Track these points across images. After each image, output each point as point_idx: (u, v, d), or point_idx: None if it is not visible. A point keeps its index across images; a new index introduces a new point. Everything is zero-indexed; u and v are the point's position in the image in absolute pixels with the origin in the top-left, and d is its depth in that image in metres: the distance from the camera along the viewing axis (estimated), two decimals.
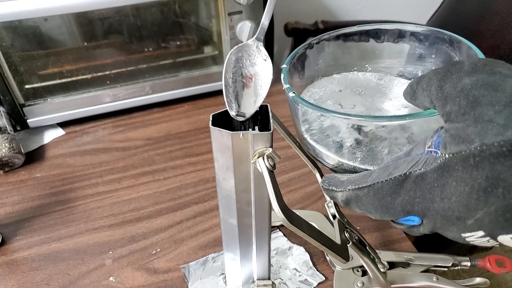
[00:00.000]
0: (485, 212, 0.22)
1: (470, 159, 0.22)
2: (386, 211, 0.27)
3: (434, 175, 0.24)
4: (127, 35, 0.66)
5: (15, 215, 0.54)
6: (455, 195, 0.23)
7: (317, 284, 0.46)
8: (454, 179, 0.22)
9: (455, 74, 0.24)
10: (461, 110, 0.23)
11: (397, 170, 0.26)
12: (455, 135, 0.23)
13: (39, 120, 0.67)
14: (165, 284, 0.46)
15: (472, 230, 0.23)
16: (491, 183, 0.21)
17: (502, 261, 0.43)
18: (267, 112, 0.30)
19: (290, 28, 1.03)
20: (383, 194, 0.26)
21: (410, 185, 0.25)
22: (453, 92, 0.24)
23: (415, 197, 0.25)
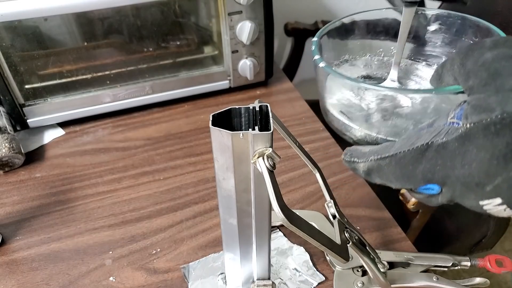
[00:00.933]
0: (504, 178, 0.23)
1: (491, 127, 0.23)
2: (407, 179, 0.28)
3: (455, 144, 0.24)
4: (127, 35, 0.66)
5: (15, 215, 0.54)
6: (476, 161, 0.23)
7: (317, 284, 0.46)
8: (475, 147, 0.23)
9: (477, 51, 0.25)
10: (482, 82, 0.24)
11: (420, 140, 0.27)
12: (477, 105, 0.24)
13: (39, 120, 0.67)
14: (165, 284, 0.46)
15: (490, 197, 0.24)
16: (509, 150, 0.22)
17: (502, 261, 0.43)
18: (267, 112, 0.30)
19: (290, 28, 1.03)
20: (405, 163, 0.27)
21: (432, 154, 0.26)
22: (475, 67, 0.25)
23: (436, 165, 0.26)
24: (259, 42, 0.71)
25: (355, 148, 0.32)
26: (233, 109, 0.31)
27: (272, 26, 0.71)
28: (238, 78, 0.74)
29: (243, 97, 0.76)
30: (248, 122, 0.31)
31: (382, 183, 0.30)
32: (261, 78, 0.76)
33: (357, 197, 0.56)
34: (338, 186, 0.58)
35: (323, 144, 0.65)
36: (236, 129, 0.30)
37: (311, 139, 0.66)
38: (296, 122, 0.70)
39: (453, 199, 0.27)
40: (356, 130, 0.34)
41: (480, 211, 0.26)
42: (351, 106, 0.35)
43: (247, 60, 0.71)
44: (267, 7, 0.68)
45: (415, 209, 0.58)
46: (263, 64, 0.74)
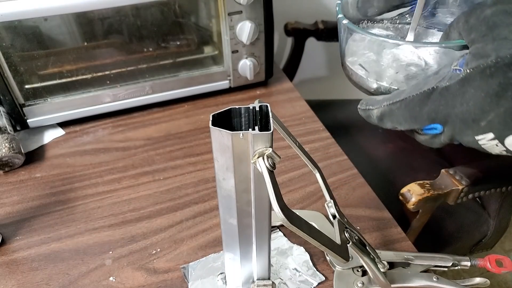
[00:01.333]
0: (496, 114, 0.27)
1: (487, 70, 0.27)
2: (414, 120, 0.32)
3: (456, 86, 0.29)
4: (127, 35, 0.66)
5: (15, 215, 0.54)
6: (473, 99, 0.28)
7: (317, 284, 0.46)
8: (472, 87, 0.28)
9: (479, 9, 0.29)
10: (482, 33, 0.28)
11: (426, 85, 0.31)
12: (476, 53, 0.28)
13: (39, 120, 0.67)
14: (165, 284, 0.46)
15: (484, 131, 0.28)
16: (503, 88, 0.26)
17: (502, 261, 0.43)
18: (267, 112, 0.30)
19: (290, 28, 1.03)
20: (413, 105, 0.32)
21: (436, 96, 0.30)
22: (477, 22, 0.29)
23: (439, 105, 0.30)
24: (259, 42, 0.71)
25: (369, 98, 0.36)
26: (233, 109, 0.31)
27: (272, 26, 0.71)
28: (238, 78, 0.74)
29: (243, 97, 0.76)
30: (248, 122, 0.31)
31: (392, 126, 0.35)
32: (261, 78, 0.76)
33: (357, 197, 0.56)
34: (338, 186, 0.58)
35: (323, 144, 0.65)
36: (236, 129, 0.30)
37: (311, 139, 0.66)
38: (296, 122, 0.70)
39: (453, 137, 0.31)
40: (372, 82, 0.39)
41: (476, 146, 0.30)
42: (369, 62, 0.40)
43: (247, 60, 0.71)
44: (267, 7, 0.68)
45: (415, 209, 0.58)
46: (263, 64, 0.74)
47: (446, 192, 0.59)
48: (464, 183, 0.59)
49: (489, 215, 0.77)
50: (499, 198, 0.74)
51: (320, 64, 1.26)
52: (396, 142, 0.88)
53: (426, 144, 0.35)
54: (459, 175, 0.60)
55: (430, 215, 0.63)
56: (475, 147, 0.30)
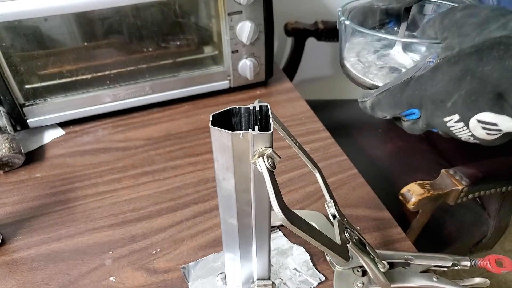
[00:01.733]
0: (458, 95, 0.33)
1: (452, 59, 0.33)
2: (396, 106, 0.37)
3: (428, 73, 0.34)
4: (127, 35, 0.66)
5: (15, 215, 0.54)
6: (440, 83, 0.33)
7: (317, 284, 0.46)
8: (440, 73, 0.34)
9: (452, 13, 0.35)
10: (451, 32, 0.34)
11: (405, 75, 0.36)
12: (445, 47, 0.34)
13: (39, 120, 0.67)
14: (165, 284, 0.46)
15: (450, 113, 0.34)
16: (463, 73, 0.32)
17: (502, 261, 0.43)
18: (267, 112, 0.30)
19: (290, 28, 1.03)
20: (395, 93, 0.37)
21: (413, 83, 0.35)
22: (449, 23, 0.35)
23: (415, 91, 0.35)
24: (259, 42, 0.71)
25: (365, 91, 0.42)
26: (233, 109, 0.31)
27: (272, 26, 0.71)
28: (238, 78, 0.74)
29: (243, 97, 0.76)
30: (248, 122, 0.31)
31: (382, 115, 0.40)
32: (261, 78, 0.76)
33: (357, 197, 0.56)
34: (338, 186, 0.58)
35: (323, 144, 0.65)
36: (236, 129, 0.30)
37: (311, 139, 0.66)
38: (296, 122, 0.70)
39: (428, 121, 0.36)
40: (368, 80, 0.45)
41: (447, 131, 0.35)
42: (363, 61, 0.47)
43: (247, 60, 0.71)
44: (267, 7, 0.68)
45: (415, 209, 0.58)
46: (263, 64, 0.74)
47: (446, 192, 0.59)
48: (464, 183, 0.59)
49: (489, 215, 0.77)
50: (499, 198, 0.74)
51: (320, 64, 1.26)
52: (396, 142, 0.88)
53: (409, 130, 0.40)
54: (459, 175, 0.60)
55: (430, 215, 0.63)
56: (447, 131, 0.35)
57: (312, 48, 1.09)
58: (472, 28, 0.33)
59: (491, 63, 0.31)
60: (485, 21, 0.33)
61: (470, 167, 0.61)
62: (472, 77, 0.32)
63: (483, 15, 0.33)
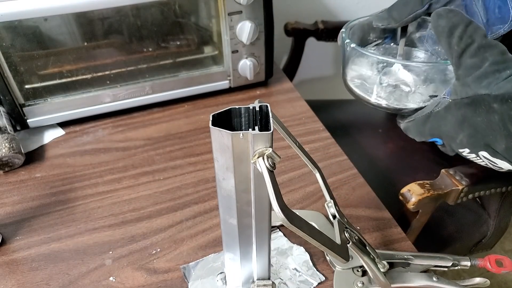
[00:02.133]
0: (463, 135, 0.39)
1: (457, 104, 0.39)
2: (421, 135, 0.46)
3: (442, 112, 0.41)
4: (127, 35, 0.66)
5: (15, 215, 0.54)
6: (449, 123, 0.41)
7: (317, 284, 0.46)
8: (449, 114, 0.41)
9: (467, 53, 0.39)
10: (459, 77, 0.40)
11: (427, 109, 0.44)
12: (454, 90, 0.40)
13: (39, 120, 0.67)
14: (165, 284, 0.46)
15: (461, 147, 0.40)
16: (463, 119, 0.39)
17: (502, 261, 0.43)
18: (267, 112, 0.30)
19: (290, 28, 1.03)
20: (419, 124, 0.45)
21: (432, 118, 0.42)
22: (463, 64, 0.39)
23: (434, 125, 0.42)
24: (259, 42, 0.71)
25: (400, 115, 0.50)
26: (233, 109, 0.31)
27: (272, 26, 0.71)
28: (238, 78, 0.74)
29: (243, 97, 0.76)
30: (248, 122, 0.31)
31: (413, 137, 0.47)
32: (261, 78, 0.76)
33: (357, 197, 0.56)
34: (338, 186, 0.58)
35: (323, 144, 0.65)
36: (236, 129, 0.30)
37: (311, 139, 0.66)
38: (296, 122, 0.70)
39: (450, 147, 0.43)
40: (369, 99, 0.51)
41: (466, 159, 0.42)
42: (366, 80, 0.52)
43: (247, 60, 0.71)
44: (267, 7, 0.68)
45: (415, 209, 0.58)
46: (263, 64, 0.74)
47: (446, 192, 0.59)
48: (464, 183, 0.59)
49: (489, 216, 0.77)
50: (499, 198, 0.74)
51: (320, 64, 1.26)
52: (396, 142, 0.88)
53: (445, 152, 0.47)
54: (459, 175, 0.60)
55: (430, 215, 0.63)
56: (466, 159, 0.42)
57: (312, 48, 1.09)
58: (472, 80, 0.38)
59: (481, 115, 0.37)
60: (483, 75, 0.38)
61: (470, 167, 0.61)
62: (468, 124, 0.38)
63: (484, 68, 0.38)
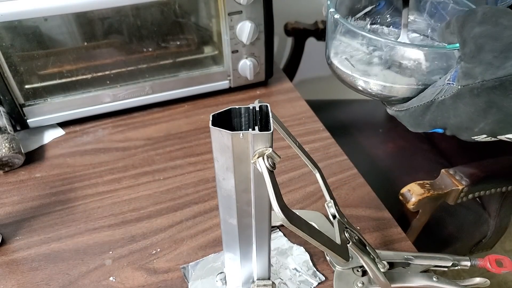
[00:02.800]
0: (485, 123, 0.34)
1: (475, 90, 0.32)
2: (418, 126, 0.39)
3: (450, 101, 0.34)
4: (127, 35, 0.66)
5: (15, 215, 0.54)
6: (464, 114, 0.34)
7: (317, 284, 0.46)
8: (462, 103, 0.34)
9: (470, 23, 0.33)
10: (471, 54, 0.32)
11: (425, 98, 0.36)
12: (466, 72, 0.33)
13: (39, 120, 0.67)
14: (165, 284, 0.46)
15: (478, 134, 0.35)
16: (488, 105, 0.32)
17: (502, 261, 0.43)
18: (267, 112, 0.30)
19: (290, 28, 1.03)
20: (416, 115, 0.38)
21: (434, 108, 0.36)
22: (468, 38, 0.33)
23: (437, 116, 0.36)
24: (259, 42, 0.71)
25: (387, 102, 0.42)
26: (233, 109, 0.31)
27: (272, 26, 0.71)
28: (238, 78, 0.74)
29: (243, 97, 0.76)
30: (248, 122, 0.31)
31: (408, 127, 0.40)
32: (261, 78, 0.76)
33: (357, 197, 0.56)
34: (338, 186, 0.58)
35: (323, 144, 0.65)
36: (236, 129, 0.30)
37: (311, 139, 0.66)
38: (296, 122, 0.70)
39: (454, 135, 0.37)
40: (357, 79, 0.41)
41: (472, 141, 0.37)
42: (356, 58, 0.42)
43: (247, 60, 0.71)
44: (267, 7, 0.68)
45: (415, 209, 0.58)
46: (263, 64, 0.74)
47: (446, 192, 0.59)
48: (464, 183, 0.59)
49: (489, 215, 0.77)
50: (499, 198, 0.74)
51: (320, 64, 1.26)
52: (396, 142, 0.88)
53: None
54: (459, 175, 0.60)
55: (430, 215, 0.63)
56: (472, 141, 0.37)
57: (312, 48, 1.09)
58: (494, 55, 0.31)
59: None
60: (508, 47, 0.31)
61: (470, 167, 0.61)
62: (498, 109, 0.32)
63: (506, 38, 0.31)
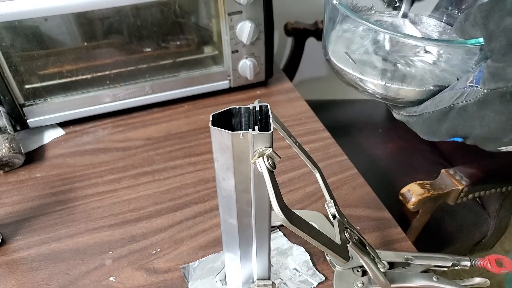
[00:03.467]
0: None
1: (507, 95, 0.26)
2: (433, 135, 0.33)
3: (474, 108, 0.28)
4: (127, 35, 0.66)
5: (15, 215, 0.54)
6: (493, 123, 0.28)
7: (317, 284, 0.46)
8: (492, 111, 0.28)
9: (497, 13, 0.27)
10: (502, 50, 0.26)
11: (442, 103, 0.31)
12: (494, 73, 0.26)
13: (39, 120, 0.67)
14: (165, 284, 0.46)
15: (507, 145, 0.30)
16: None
17: (502, 261, 0.43)
18: (267, 112, 0.30)
19: (290, 28, 1.03)
20: (431, 121, 0.32)
21: (454, 115, 0.30)
22: (496, 30, 0.27)
23: (458, 125, 0.30)
24: (259, 42, 0.71)
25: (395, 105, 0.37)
26: (233, 109, 0.31)
27: (272, 26, 0.71)
28: (238, 78, 0.74)
29: (243, 97, 0.76)
30: (248, 122, 0.31)
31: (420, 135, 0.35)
32: (261, 78, 0.76)
33: (357, 197, 0.56)
34: (338, 186, 0.58)
35: (323, 144, 0.65)
36: (236, 129, 0.30)
37: (311, 139, 0.66)
38: (296, 122, 0.70)
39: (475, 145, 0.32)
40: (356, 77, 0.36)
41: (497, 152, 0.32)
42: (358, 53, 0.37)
43: (247, 60, 0.71)
44: (267, 7, 0.68)
45: (415, 209, 0.58)
46: (263, 64, 0.74)
47: (446, 192, 0.59)
48: (464, 183, 0.59)
49: (489, 215, 0.77)
50: (499, 198, 0.74)
51: (320, 64, 1.26)
52: (396, 142, 0.88)
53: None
54: (459, 175, 0.60)
55: (430, 215, 0.63)
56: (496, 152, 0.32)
57: (312, 48, 1.09)
58: None
59: None
60: None
61: (470, 167, 0.61)
62: None
63: None
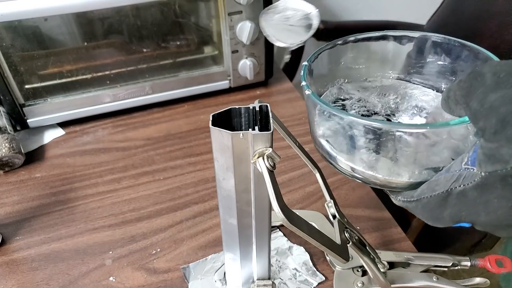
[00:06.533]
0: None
1: (508, 178, 0.24)
2: (436, 221, 0.30)
3: (474, 193, 0.26)
4: (127, 35, 0.66)
5: (15, 215, 0.54)
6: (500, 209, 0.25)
7: (317, 284, 0.46)
8: (495, 197, 0.25)
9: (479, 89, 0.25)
10: (492, 129, 0.24)
11: (439, 187, 0.28)
12: (490, 154, 0.24)
13: (39, 120, 0.67)
14: (165, 284, 0.46)
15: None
16: None
17: (502, 261, 0.43)
18: (267, 112, 0.30)
19: None
20: (431, 207, 0.30)
21: (454, 201, 0.28)
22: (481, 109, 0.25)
23: (461, 211, 0.28)
24: (259, 42, 0.71)
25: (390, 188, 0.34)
26: (233, 109, 0.31)
27: None
28: (238, 78, 0.74)
29: (243, 97, 0.76)
30: (248, 122, 0.31)
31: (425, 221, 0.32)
32: (261, 78, 0.76)
33: (357, 197, 0.56)
34: (338, 186, 0.58)
35: None
36: (236, 129, 0.30)
37: (311, 139, 0.66)
38: (296, 122, 0.70)
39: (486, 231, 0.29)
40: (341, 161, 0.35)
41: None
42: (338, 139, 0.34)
43: (247, 60, 0.71)
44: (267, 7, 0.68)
45: None
46: (263, 64, 0.74)
47: None
48: None
49: None
50: None
51: None
52: None
53: None
54: None
55: None
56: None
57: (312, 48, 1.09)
58: None
59: None
60: None
61: None
62: None
63: None
